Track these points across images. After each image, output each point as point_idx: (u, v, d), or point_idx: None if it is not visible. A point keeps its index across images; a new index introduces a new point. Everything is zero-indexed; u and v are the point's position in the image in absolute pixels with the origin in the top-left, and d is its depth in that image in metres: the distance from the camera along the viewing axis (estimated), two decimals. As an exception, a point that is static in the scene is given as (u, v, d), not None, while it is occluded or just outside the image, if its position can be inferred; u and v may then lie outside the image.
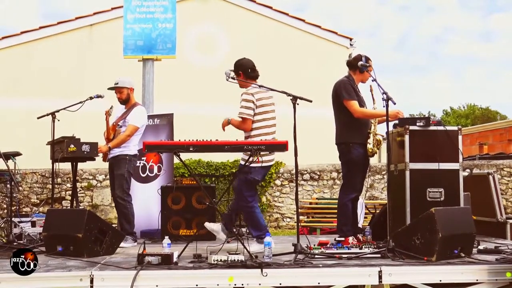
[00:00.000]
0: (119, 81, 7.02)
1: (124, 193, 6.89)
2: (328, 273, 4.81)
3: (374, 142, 6.18)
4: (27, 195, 11.29)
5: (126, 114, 6.99)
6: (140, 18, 8.69)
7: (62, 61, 13.63)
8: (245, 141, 5.66)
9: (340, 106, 6.24)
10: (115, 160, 6.94)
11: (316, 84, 11.16)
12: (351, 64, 6.35)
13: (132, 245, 6.63)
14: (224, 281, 4.71)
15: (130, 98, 7.09)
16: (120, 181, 6.89)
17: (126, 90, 7.03)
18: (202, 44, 14.10)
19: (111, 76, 10.32)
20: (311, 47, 14.71)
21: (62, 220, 5.96)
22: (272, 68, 13.54)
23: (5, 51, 13.69)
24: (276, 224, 11.68)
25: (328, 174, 11.91)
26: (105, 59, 13.00)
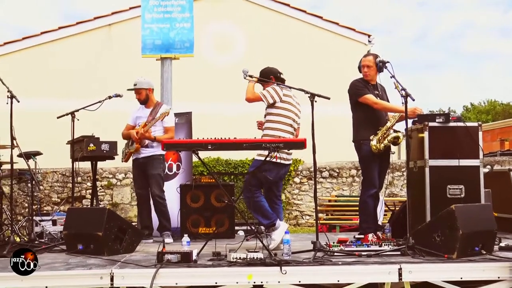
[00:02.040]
0: (137, 82, 7.15)
1: (161, 192, 7.08)
2: (348, 270, 4.79)
3: (380, 139, 6.10)
4: (48, 194, 11.40)
5: (153, 114, 7.09)
6: (157, 18, 8.72)
7: (81, 61, 13.72)
8: (264, 139, 5.66)
9: (354, 105, 6.32)
10: (148, 159, 7.04)
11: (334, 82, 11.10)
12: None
13: (172, 241, 6.76)
14: (243, 279, 4.71)
15: (150, 98, 7.22)
16: (157, 181, 7.05)
17: (145, 91, 7.14)
18: (219, 43, 14.11)
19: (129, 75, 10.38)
20: (329, 45, 14.66)
21: (83, 219, 6.01)
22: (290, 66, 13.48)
23: (25, 52, 13.83)
24: (295, 222, 11.67)
25: (347, 171, 11.87)
26: (123, 59, 13.07)
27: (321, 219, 10.12)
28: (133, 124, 7.25)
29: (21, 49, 13.85)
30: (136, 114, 7.24)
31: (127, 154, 7.19)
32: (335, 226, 10.07)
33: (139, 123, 7.15)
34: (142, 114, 7.18)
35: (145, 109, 7.21)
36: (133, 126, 7.22)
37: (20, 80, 11.78)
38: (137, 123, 7.20)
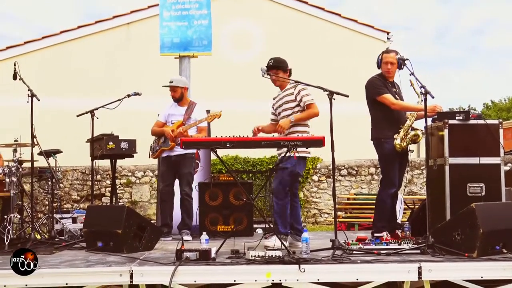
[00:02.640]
0: (173, 80, 7.24)
1: (191, 190, 7.16)
2: (367, 269, 4.77)
3: (403, 137, 6.08)
4: (68, 191, 11.50)
5: (188, 112, 7.17)
6: (175, 15, 8.73)
7: (100, 60, 13.81)
8: (282, 137, 5.67)
9: (372, 103, 6.27)
10: (181, 158, 7.10)
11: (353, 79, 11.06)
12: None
13: (191, 239, 6.81)
14: (261, 277, 4.71)
15: (184, 97, 7.30)
16: (188, 179, 7.14)
17: (180, 89, 7.23)
18: (237, 40, 14.11)
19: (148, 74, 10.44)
20: (347, 42, 14.59)
21: (102, 217, 6.05)
22: (308, 63, 13.48)
23: (45, 51, 13.95)
24: (314, 220, 11.65)
25: (366, 169, 11.82)
26: (142, 57, 13.13)
27: (339, 217, 10.09)
28: (164, 121, 7.28)
29: (41, 48, 13.97)
30: (169, 111, 7.28)
31: (158, 150, 7.22)
32: (354, 224, 10.03)
33: (172, 120, 7.19)
34: (176, 112, 7.22)
35: (178, 107, 7.25)
36: (164, 124, 7.25)
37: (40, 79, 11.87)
38: (169, 120, 7.24)
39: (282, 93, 6.20)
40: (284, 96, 6.14)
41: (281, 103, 6.16)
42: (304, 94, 6.01)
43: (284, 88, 6.20)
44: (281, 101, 6.16)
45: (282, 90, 6.21)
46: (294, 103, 6.05)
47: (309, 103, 5.99)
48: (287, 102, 6.10)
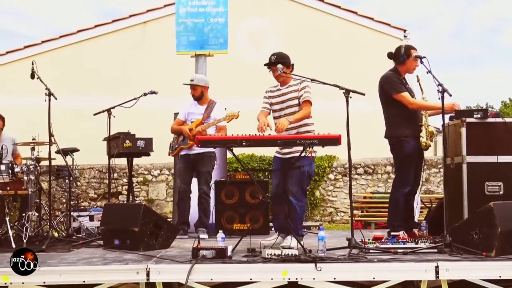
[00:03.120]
0: (194, 79, 7.27)
1: (209, 189, 7.20)
2: (383, 268, 4.74)
3: (427, 135, 6.06)
4: (85, 190, 11.57)
5: (208, 111, 7.19)
6: (192, 12, 8.72)
7: (117, 59, 13.87)
8: (298, 135, 5.64)
9: (387, 100, 6.16)
10: (200, 156, 7.13)
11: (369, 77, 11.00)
12: (391, 56, 6.26)
13: (207, 237, 6.83)
14: (278, 275, 4.70)
15: (204, 96, 7.31)
16: (206, 178, 7.17)
17: (200, 88, 7.24)
18: (253, 39, 14.10)
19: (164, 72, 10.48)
20: (363, 40, 14.52)
21: (119, 215, 6.09)
22: (324, 61, 13.45)
23: (62, 50, 14.04)
24: (330, 219, 11.62)
25: (383, 168, 11.76)
26: (158, 56, 13.16)
27: (356, 216, 10.06)
28: (183, 119, 7.30)
29: (58, 47, 14.06)
30: (189, 110, 7.31)
31: (177, 148, 7.25)
32: (370, 223, 10.00)
33: (192, 119, 7.22)
34: (195, 111, 7.24)
35: (198, 106, 7.27)
36: (183, 122, 7.28)
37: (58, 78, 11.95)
38: (189, 119, 7.26)
39: (285, 88, 6.08)
40: (288, 93, 6.04)
41: (284, 99, 6.05)
42: (307, 90, 5.94)
43: (286, 83, 6.10)
44: (284, 97, 6.05)
45: (285, 86, 6.09)
46: (296, 100, 5.98)
47: (306, 99, 5.91)
48: (291, 99, 6.00)
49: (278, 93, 6.12)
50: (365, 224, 10.01)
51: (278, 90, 6.13)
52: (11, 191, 6.68)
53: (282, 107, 6.06)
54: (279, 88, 6.13)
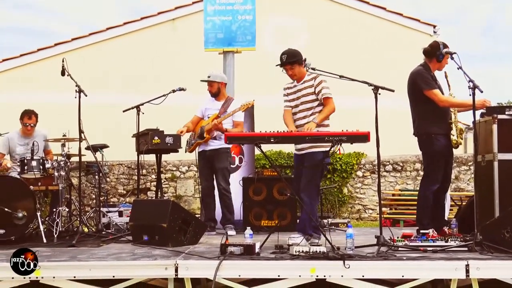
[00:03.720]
0: (211, 75, 7.28)
1: (227, 185, 7.20)
2: (413, 266, 4.70)
3: (457, 133, 5.98)
4: (114, 186, 11.68)
5: (225, 106, 7.20)
6: (220, 10, 8.76)
7: (146, 56, 13.95)
8: (326, 132, 5.61)
9: (418, 97, 6.07)
10: (215, 152, 7.14)
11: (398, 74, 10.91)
12: (427, 52, 6.17)
13: (234, 233, 6.85)
14: (306, 272, 4.70)
15: (221, 92, 7.33)
16: (223, 174, 7.17)
17: (217, 84, 7.27)
18: (281, 35, 14.05)
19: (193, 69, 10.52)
20: (392, 36, 14.38)
21: (148, 211, 6.14)
22: (352, 58, 13.37)
23: (92, 47, 14.17)
24: (358, 216, 11.56)
25: (412, 165, 11.65)
26: (186, 53, 13.22)
27: (384, 213, 9.98)
28: (201, 116, 7.34)
29: (88, 45, 14.19)
30: (206, 106, 7.34)
31: (193, 144, 7.28)
32: (399, 221, 9.91)
33: (209, 115, 7.25)
34: (212, 106, 7.28)
35: (215, 102, 7.30)
36: (201, 118, 7.31)
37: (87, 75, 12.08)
38: (206, 115, 7.29)
39: (300, 85, 6.02)
40: (303, 89, 5.99)
41: (299, 95, 6.00)
42: (324, 86, 5.88)
43: (301, 79, 6.04)
44: (300, 93, 5.99)
45: (300, 82, 6.03)
46: (313, 95, 5.91)
47: (327, 96, 5.86)
48: (306, 95, 5.95)
49: (294, 89, 6.08)
50: (393, 221, 9.93)
51: (294, 86, 6.09)
52: (42, 186, 6.78)
53: (297, 103, 6.02)
54: (295, 84, 6.09)
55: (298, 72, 5.97)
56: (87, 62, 13.49)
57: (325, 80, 5.88)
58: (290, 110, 6.10)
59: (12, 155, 7.41)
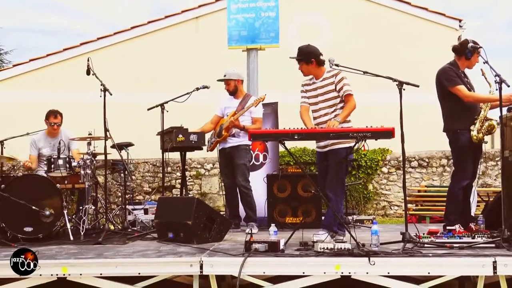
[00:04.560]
0: (226, 73, 7.29)
1: (247, 182, 7.17)
2: (439, 262, 4.66)
3: (479, 129, 5.92)
4: (139, 183, 11.76)
5: (242, 104, 7.20)
6: (243, 7, 8.77)
7: (169, 54, 14.01)
8: (351, 128, 5.58)
9: (444, 94, 6.08)
10: (235, 149, 7.14)
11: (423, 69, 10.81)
12: (456, 49, 6.13)
13: (257, 230, 6.83)
14: (331, 269, 4.68)
15: (239, 89, 7.34)
16: (242, 171, 7.14)
17: (234, 82, 7.27)
18: (304, 31, 14.00)
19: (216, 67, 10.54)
20: (417, 31, 14.24)
21: (173, 208, 6.17)
22: (376, 53, 13.27)
23: (117, 46, 14.28)
24: (383, 212, 11.48)
25: (438, 161, 11.54)
26: (210, 51, 13.24)
27: (410, 209, 9.90)
28: (220, 115, 7.36)
29: (113, 44, 14.31)
30: (225, 104, 7.36)
31: (213, 143, 7.31)
32: (425, 217, 9.82)
33: (227, 113, 7.26)
34: (231, 105, 7.28)
35: (233, 100, 7.31)
36: (221, 117, 7.33)
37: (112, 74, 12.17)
38: (225, 113, 7.31)
39: (320, 82, 5.99)
40: (324, 86, 5.96)
41: (319, 93, 5.97)
42: (346, 83, 5.85)
43: (320, 76, 6.01)
44: (320, 91, 5.97)
45: (319, 79, 6.00)
46: (334, 92, 5.89)
47: (349, 93, 5.83)
48: (327, 92, 5.92)
49: (313, 86, 6.05)
50: (419, 218, 9.85)
51: (313, 83, 6.06)
52: (69, 185, 6.86)
53: (316, 101, 6.00)
54: (314, 81, 6.06)
55: (306, 70, 6.01)
56: (112, 61, 13.59)
57: (346, 77, 5.86)
58: (308, 106, 6.08)
59: (39, 155, 7.53)
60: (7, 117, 13.26)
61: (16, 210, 6.22)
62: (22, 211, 6.21)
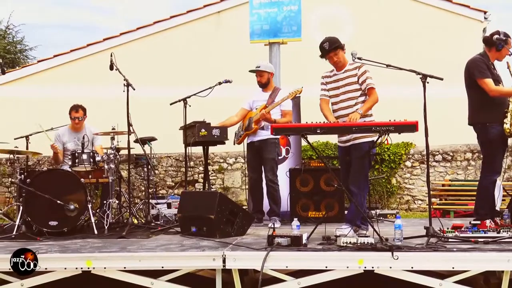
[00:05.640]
0: (261, 65, 7.22)
1: (274, 176, 7.11)
2: (463, 257, 4.61)
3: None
4: (162, 178, 11.84)
5: (272, 97, 7.14)
6: (265, 3, 8.75)
7: (191, 49, 14.06)
8: (374, 122, 5.53)
9: (473, 85, 5.95)
10: (264, 143, 7.10)
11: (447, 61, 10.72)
12: (487, 40, 6.03)
13: (280, 225, 6.81)
14: (353, 263, 4.66)
15: (270, 82, 7.27)
16: (271, 165, 7.10)
17: (267, 74, 7.21)
18: (326, 25, 13.93)
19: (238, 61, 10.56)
20: (440, 23, 14.07)
21: (195, 202, 6.19)
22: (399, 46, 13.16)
23: (140, 41, 14.36)
24: (407, 207, 11.42)
25: (462, 154, 11.43)
26: (232, 45, 13.25)
27: (434, 204, 9.82)
28: (248, 108, 7.30)
29: (135, 39, 14.39)
30: (253, 98, 7.29)
31: (242, 136, 7.29)
32: (449, 212, 9.74)
33: (256, 106, 7.23)
34: (260, 98, 7.22)
35: (263, 93, 7.25)
36: (248, 111, 7.29)
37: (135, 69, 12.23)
38: (253, 106, 7.27)
39: (341, 73, 5.91)
40: (345, 78, 5.88)
41: (340, 84, 5.90)
42: (368, 76, 5.78)
43: (343, 68, 5.93)
44: (341, 82, 5.89)
45: (341, 70, 5.93)
46: (356, 85, 5.82)
47: (371, 86, 5.77)
48: (349, 84, 5.85)
49: (335, 78, 5.97)
50: (443, 212, 9.76)
51: (335, 75, 5.97)
52: (93, 179, 6.91)
53: (337, 92, 5.93)
54: (335, 73, 5.97)
55: (342, 58, 5.90)
56: (135, 56, 13.67)
57: (368, 70, 5.80)
58: (328, 99, 6.01)
59: (64, 149, 7.60)
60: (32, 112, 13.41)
61: (41, 204, 6.30)
62: (47, 205, 6.29)
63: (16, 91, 14.12)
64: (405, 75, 5.74)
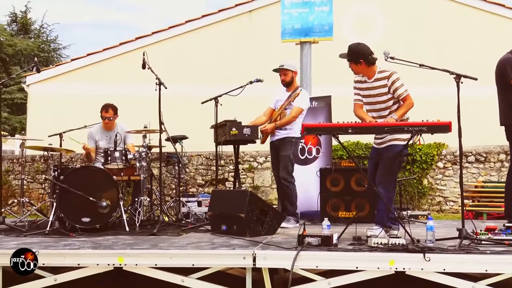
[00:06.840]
0: (285, 64, 7.14)
1: (288, 174, 7.01)
2: (497, 260, 4.54)
3: None
4: (193, 176, 11.90)
5: (289, 99, 7.08)
6: (297, 2, 8.76)
7: (223, 48, 14.12)
8: (406, 122, 5.47)
9: (506, 85, 5.82)
10: (280, 142, 7.07)
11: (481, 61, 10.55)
12: None
13: (294, 225, 6.72)
14: (384, 264, 4.63)
15: (294, 81, 7.20)
16: (285, 163, 7.01)
17: (291, 72, 7.15)
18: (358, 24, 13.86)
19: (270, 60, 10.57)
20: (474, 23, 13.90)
21: (226, 201, 6.21)
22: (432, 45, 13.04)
23: (171, 40, 14.47)
24: (439, 208, 11.28)
25: (495, 156, 11.26)
26: (263, 44, 13.27)
27: (466, 205, 9.69)
28: (273, 107, 7.31)
29: (167, 38, 14.51)
30: (277, 97, 7.29)
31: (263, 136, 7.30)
32: (482, 214, 9.60)
33: (278, 106, 7.23)
34: (283, 97, 7.20)
35: (285, 93, 7.22)
36: (273, 110, 7.29)
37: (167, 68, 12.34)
38: (277, 106, 7.28)
39: (372, 82, 5.75)
40: (376, 87, 5.73)
41: (372, 93, 5.76)
42: (399, 86, 5.60)
43: (372, 77, 5.76)
44: (373, 91, 5.75)
45: (371, 79, 5.76)
46: (388, 95, 5.67)
47: (405, 95, 5.61)
48: (380, 94, 5.70)
49: (366, 85, 5.82)
50: (476, 214, 9.63)
51: (365, 81, 5.84)
52: (125, 177, 6.99)
53: (370, 101, 5.80)
54: (367, 80, 5.82)
55: (355, 70, 5.80)
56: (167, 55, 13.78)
57: (398, 78, 5.63)
58: (361, 104, 5.90)
59: (96, 147, 7.70)
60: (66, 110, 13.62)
61: (74, 201, 6.39)
62: (80, 202, 6.38)
63: (50, 89, 14.36)
64: (439, 75, 5.66)
